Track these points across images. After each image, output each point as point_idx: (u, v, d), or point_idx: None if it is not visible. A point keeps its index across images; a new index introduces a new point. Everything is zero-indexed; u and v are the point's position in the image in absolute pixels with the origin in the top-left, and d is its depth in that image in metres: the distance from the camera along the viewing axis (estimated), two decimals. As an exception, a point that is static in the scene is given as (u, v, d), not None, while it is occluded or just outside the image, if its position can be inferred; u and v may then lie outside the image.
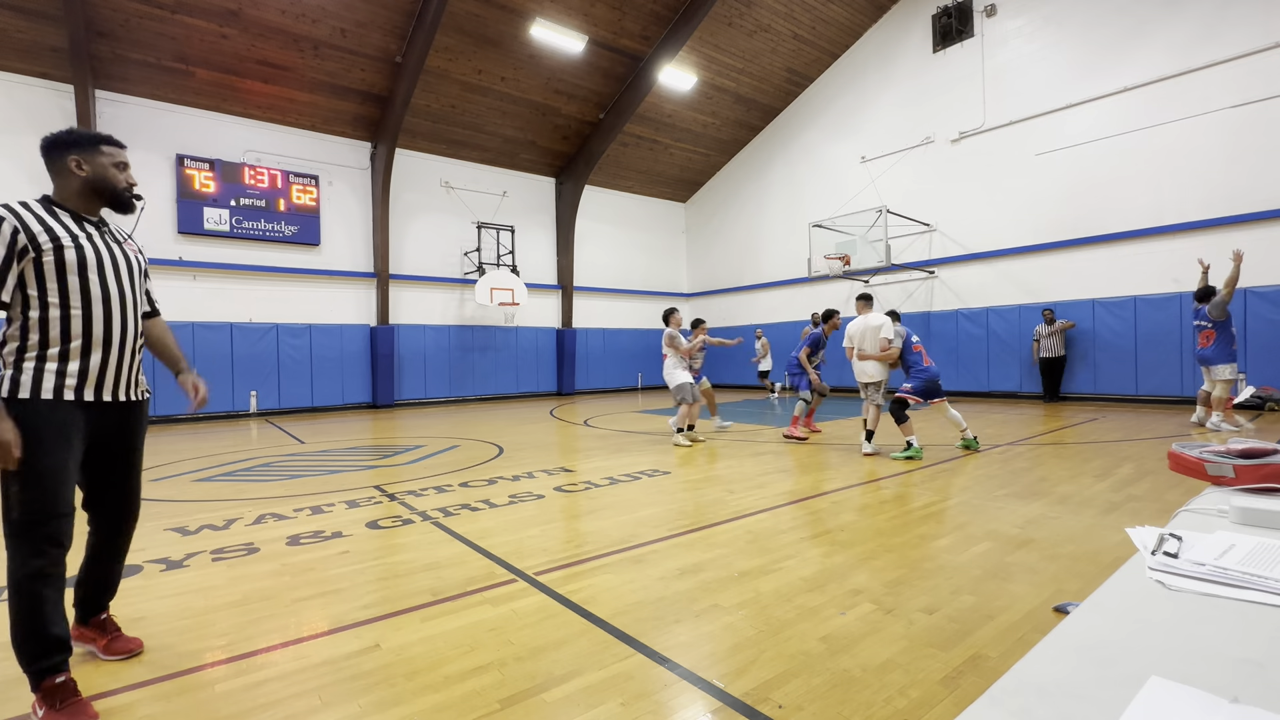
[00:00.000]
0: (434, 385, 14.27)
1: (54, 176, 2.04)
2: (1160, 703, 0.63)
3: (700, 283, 19.06)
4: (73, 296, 1.93)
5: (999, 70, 11.98)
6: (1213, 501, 1.35)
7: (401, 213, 13.92)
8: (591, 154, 15.30)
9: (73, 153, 2.02)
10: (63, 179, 2.03)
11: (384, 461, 6.53)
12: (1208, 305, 7.30)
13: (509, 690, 1.94)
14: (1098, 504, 4.03)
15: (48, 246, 1.89)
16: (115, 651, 2.21)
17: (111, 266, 2.03)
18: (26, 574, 1.83)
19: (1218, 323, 7.20)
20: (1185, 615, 0.85)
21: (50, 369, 1.90)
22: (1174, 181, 9.93)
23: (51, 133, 2.03)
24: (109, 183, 2.08)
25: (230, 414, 11.78)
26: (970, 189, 12.48)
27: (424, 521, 4.01)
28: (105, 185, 2.07)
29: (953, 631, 2.25)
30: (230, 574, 3.09)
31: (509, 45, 12.19)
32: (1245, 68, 9.26)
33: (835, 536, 3.47)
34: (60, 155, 2.02)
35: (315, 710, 1.86)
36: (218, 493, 5.10)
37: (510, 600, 2.67)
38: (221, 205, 11.61)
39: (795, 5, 12.93)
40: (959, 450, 6.30)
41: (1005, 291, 12.04)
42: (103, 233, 2.08)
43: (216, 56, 10.77)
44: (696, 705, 1.85)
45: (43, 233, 1.90)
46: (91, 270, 1.97)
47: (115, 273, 2.04)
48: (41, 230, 1.90)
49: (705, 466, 5.78)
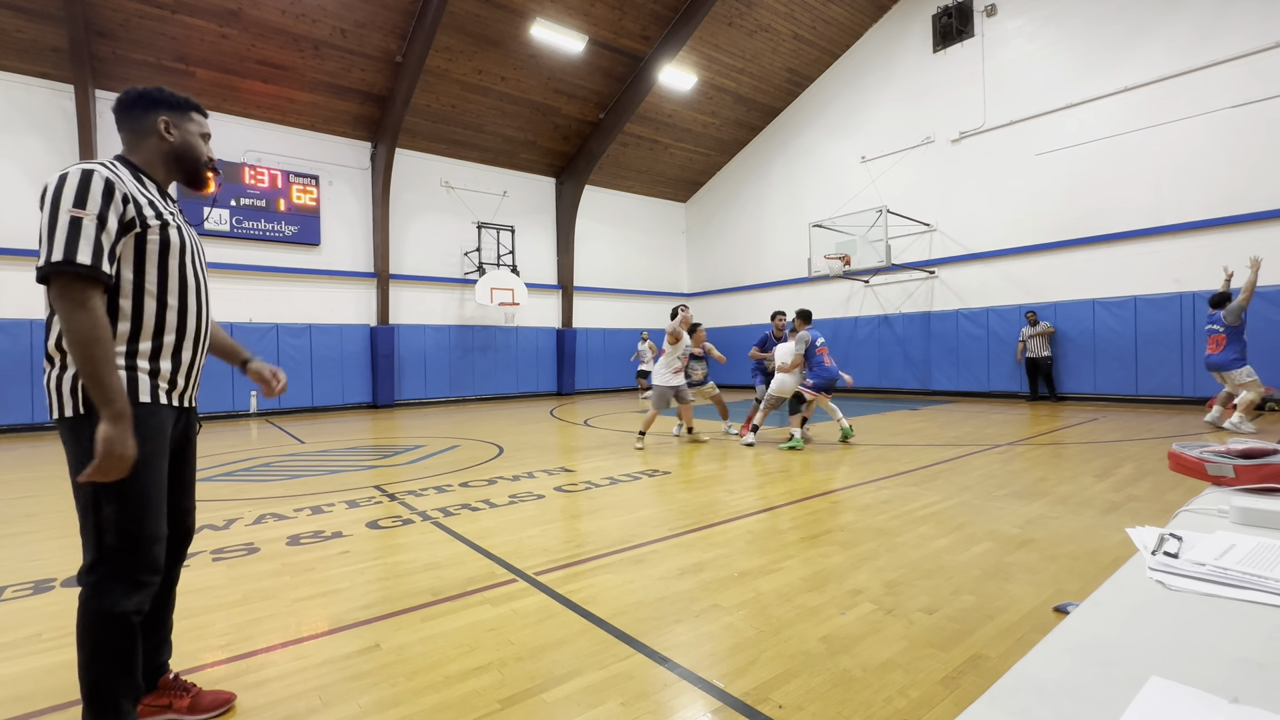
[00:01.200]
0: (434, 385, 14.27)
1: (132, 138, 1.74)
2: (1160, 703, 0.63)
3: (700, 283, 19.06)
4: (171, 284, 1.66)
5: (999, 70, 11.98)
6: (1213, 501, 1.35)
7: (401, 213, 13.93)
8: (591, 154, 15.30)
9: (162, 112, 1.75)
10: (144, 142, 1.74)
11: (384, 461, 6.53)
12: (1223, 310, 7.18)
13: (509, 690, 1.94)
14: (1098, 504, 4.03)
15: (154, 223, 1.62)
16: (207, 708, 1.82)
17: (194, 252, 1.77)
18: (120, 612, 1.52)
19: (1230, 329, 7.10)
20: (1185, 615, 0.85)
21: (144, 367, 1.62)
22: (1174, 181, 9.92)
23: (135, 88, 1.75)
24: (194, 153, 1.81)
25: (230, 414, 11.78)
26: (970, 189, 12.48)
27: (424, 521, 4.01)
28: (190, 156, 1.80)
29: (953, 631, 2.25)
30: (230, 574, 3.09)
31: (509, 45, 12.19)
32: (1245, 68, 9.26)
33: (835, 536, 3.47)
34: (145, 114, 1.73)
35: (315, 710, 1.86)
36: (218, 493, 5.10)
37: (510, 600, 2.67)
38: (222, 205, 11.62)
39: (795, 5, 12.93)
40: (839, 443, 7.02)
41: (1005, 291, 12.04)
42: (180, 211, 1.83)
43: (216, 56, 10.77)
44: (696, 705, 1.85)
45: (147, 205, 1.62)
46: (188, 254, 1.72)
47: (199, 259, 1.80)
48: (146, 204, 1.62)
49: (705, 467, 5.78)
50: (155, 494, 1.60)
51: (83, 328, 1.43)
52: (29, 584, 3.01)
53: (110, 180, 1.52)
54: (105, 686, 1.53)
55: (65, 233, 1.44)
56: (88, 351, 1.44)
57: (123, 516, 1.53)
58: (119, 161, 1.67)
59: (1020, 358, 11.36)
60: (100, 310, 1.48)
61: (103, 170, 1.53)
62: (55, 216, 1.45)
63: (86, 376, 1.45)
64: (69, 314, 1.43)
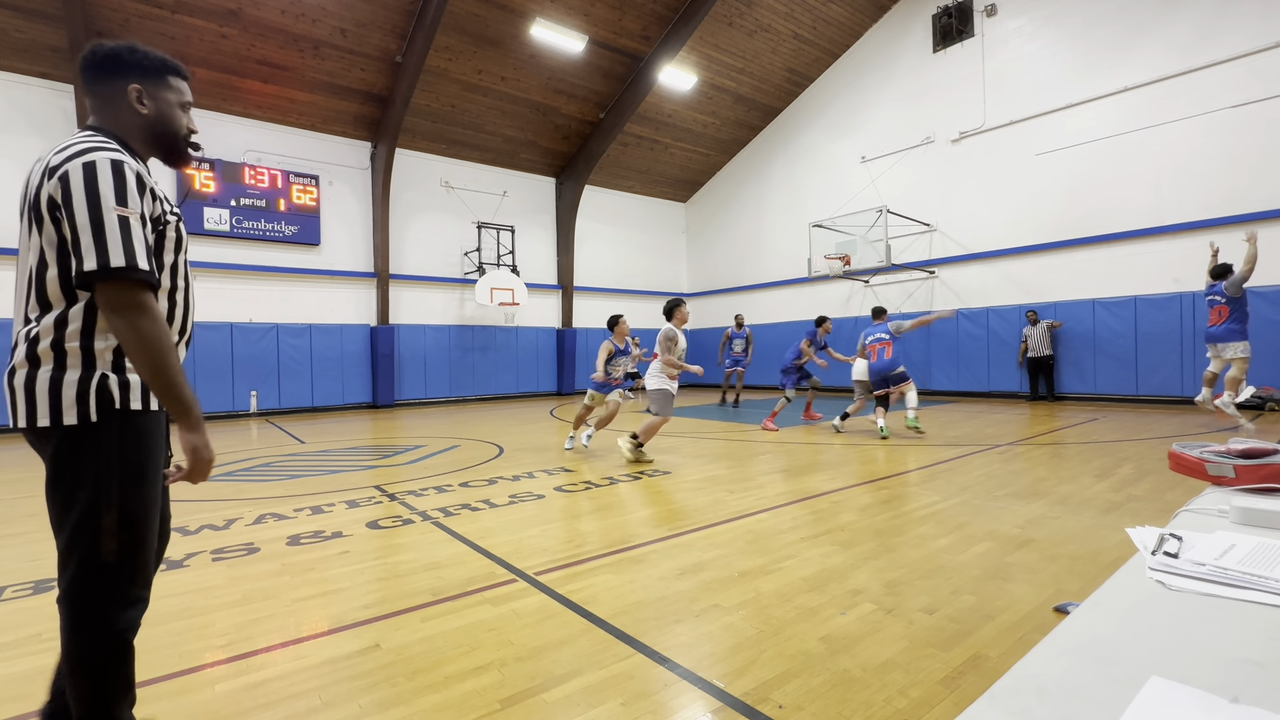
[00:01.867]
0: (434, 385, 14.27)
1: (100, 105, 1.49)
2: (1160, 703, 0.63)
3: (700, 283, 19.06)
4: (179, 283, 1.55)
5: (999, 70, 11.98)
6: (1213, 501, 1.35)
7: (401, 213, 13.92)
8: (591, 154, 15.30)
9: (133, 79, 1.49)
10: (115, 112, 1.49)
11: (384, 461, 6.53)
12: (1224, 281, 7.14)
13: (509, 690, 1.94)
14: (1098, 504, 4.03)
15: (170, 219, 1.49)
16: None
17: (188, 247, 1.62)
18: (118, 630, 1.42)
19: (1233, 299, 7.05)
20: (1185, 615, 0.85)
21: None
22: (1174, 181, 9.93)
23: (101, 44, 1.47)
24: (173, 127, 1.56)
25: (230, 414, 11.78)
26: (970, 189, 12.49)
27: (424, 521, 4.01)
28: (168, 130, 1.55)
29: (953, 631, 2.25)
30: (230, 574, 3.09)
31: (509, 45, 12.19)
32: (1245, 68, 9.26)
33: (835, 536, 3.47)
34: (114, 80, 1.48)
35: (315, 710, 1.86)
36: (218, 492, 5.09)
37: (510, 600, 2.67)
38: (222, 205, 11.61)
39: (795, 5, 12.93)
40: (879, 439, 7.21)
41: (1005, 291, 12.04)
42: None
43: (216, 56, 10.77)
44: (696, 705, 1.85)
45: (164, 200, 1.49)
46: (183, 251, 1.57)
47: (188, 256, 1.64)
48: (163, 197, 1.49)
49: (705, 467, 5.78)
50: (155, 507, 1.51)
51: (153, 335, 1.35)
52: (29, 584, 3.01)
53: (140, 173, 1.41)
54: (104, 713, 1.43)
55: (118, 234, 1.32)
56: (162, 361, 1.36)
57: (124, 528, 1.42)
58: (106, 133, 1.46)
59: (1022, 358, 11.34)
60: (163, 316, 1.40)
61: (130, 160, 1.40)
62: (99, 214, 1.31)
63: (164, 386, 1.37)
64: (134, 323, 1.34)
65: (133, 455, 1.43)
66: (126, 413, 1.42)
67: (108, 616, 1.41)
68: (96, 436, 1.38)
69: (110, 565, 1.40)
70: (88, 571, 1.39)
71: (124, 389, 1.41)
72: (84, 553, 1.39)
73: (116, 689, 1.45)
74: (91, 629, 1.40)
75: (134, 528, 1.43)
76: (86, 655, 1.41)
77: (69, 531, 1.39)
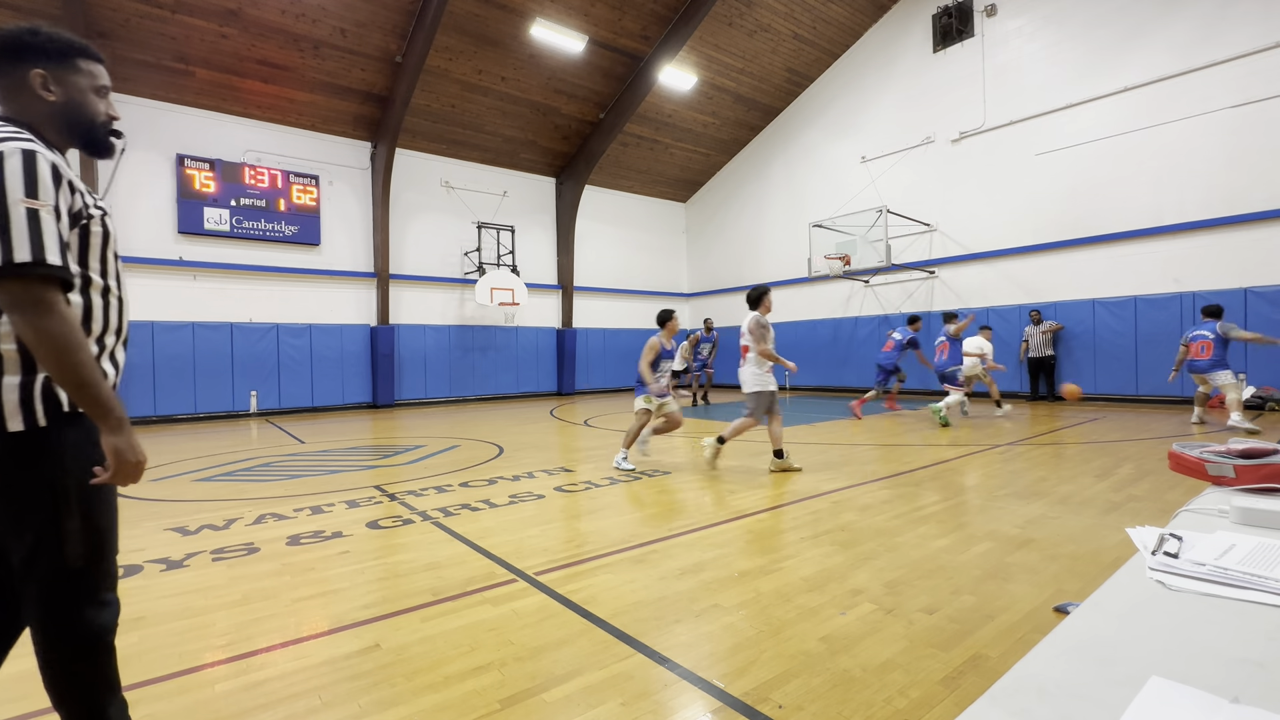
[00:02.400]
0: (434, 385, 14.27)
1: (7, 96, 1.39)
2: (1160, 703, 0.63)
3: (700, 283, 19.05)
4: (110, 277, 1.47)
5: (999, 70, 11.97)
6: (1213, 501, 1.35)
7: (401, 213, 13.92)
8: (592, 154, 15.29)
9: (35, 63, 1.39)
10: (22, 102, 1.40)
11: (384, 461, 6.53)
12: (1217, 322, 7.42)
13: (509, 690, 1.94)
14: (1098, 504, 4.03)
15: (95, 212, 1.41)
16: None
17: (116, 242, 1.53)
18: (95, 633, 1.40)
19: (1219, 339, 7.33)
20: (1185, 615, 0.85)
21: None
22: (1174, 181, 9.92)
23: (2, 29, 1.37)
24: (87, 114, 1.46)
25: (230, 414, 11.78)
26: (970, 189, 12.48)
27: (424, 521, 4.01)
28: (82, 118, 1.46)
29: (953, 631, 2.25)
30: (230, 574, 3.09)
31: (509, 45, 12.19)
32: (1245, 68, 9.26)
33: (835, 536, 3.47)
34: (16, 66, 1.38)
35: (315, 710, 1.86)
36: (218, 493, 5.10)
37: (510, 600, 2.67)
38: (222, 205, 11.61)
39: (795, 5, 12.93)
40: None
41: (1005, 291, 12.04)
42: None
43: (216, 56, 10.77)
44: (697, 705, 1.85)
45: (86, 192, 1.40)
46: (111, 246, 1.48)
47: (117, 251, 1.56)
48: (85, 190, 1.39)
49: (705, 467, 5.78)
50: (115, 509, 1.46)
51: (60, 334, 1.26)
52: (29, 584, 3.01)
53: (55, 163, 1.31)
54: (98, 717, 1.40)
55: (25, 227, 1.23)
56: (72, 359, 1.27)
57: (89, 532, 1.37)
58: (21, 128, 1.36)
59: (1023, 357, 11.36)
60: (73, 314, 1.31)
61: (43, 150, 1.30)
62: (4, 207, 1.22)
63: (75, 387, 1.29)
64: (39, 321, 1.25)
65: (87, 457, 1.36)
66: (76, 414, 1.36)
67: (86, 621, 1.38)
68: (46, 442, 1.32)
69: (78, 570, 1.36)
70: (59, 579, 1.35)
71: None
72: (51, 561, 1.34)
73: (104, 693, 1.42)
74: (72, 639, 1.37)
75: (98, 531, 1.40)
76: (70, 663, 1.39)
77: (31, 542, 1.33)
